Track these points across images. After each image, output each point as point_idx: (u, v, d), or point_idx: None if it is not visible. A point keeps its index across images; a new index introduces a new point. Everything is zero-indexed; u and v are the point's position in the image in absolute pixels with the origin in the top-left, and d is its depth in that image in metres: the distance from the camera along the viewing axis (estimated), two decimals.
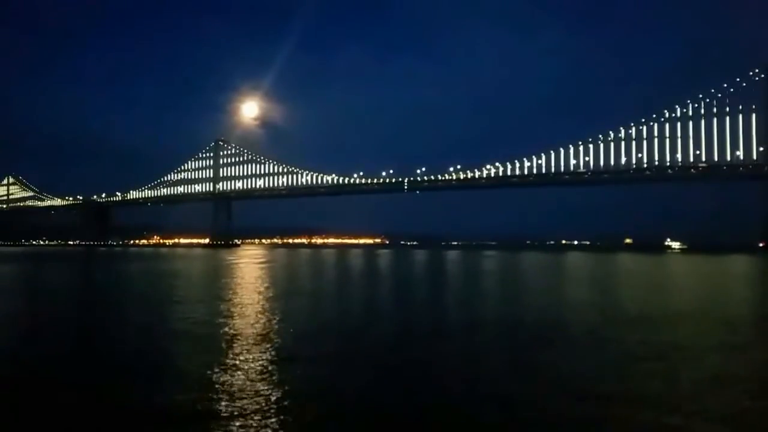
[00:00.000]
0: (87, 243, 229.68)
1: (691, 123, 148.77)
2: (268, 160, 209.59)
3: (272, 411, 9.42)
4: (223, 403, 9.82)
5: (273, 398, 10.11)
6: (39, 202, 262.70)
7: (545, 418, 9.41)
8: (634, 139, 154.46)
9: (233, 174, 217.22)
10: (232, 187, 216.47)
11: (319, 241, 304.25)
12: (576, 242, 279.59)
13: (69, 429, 9.06)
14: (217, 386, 10.92)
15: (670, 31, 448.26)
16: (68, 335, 18.15)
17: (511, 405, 10.06)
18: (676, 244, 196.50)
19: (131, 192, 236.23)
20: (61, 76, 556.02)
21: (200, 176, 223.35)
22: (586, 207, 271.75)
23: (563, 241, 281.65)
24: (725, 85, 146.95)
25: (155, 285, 39.96)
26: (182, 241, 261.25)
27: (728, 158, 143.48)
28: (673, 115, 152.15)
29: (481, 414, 9.62)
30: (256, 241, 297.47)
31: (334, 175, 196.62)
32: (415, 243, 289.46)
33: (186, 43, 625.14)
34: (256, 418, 9.08)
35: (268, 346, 15.11)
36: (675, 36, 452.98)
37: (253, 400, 10.02)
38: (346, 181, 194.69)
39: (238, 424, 8.82)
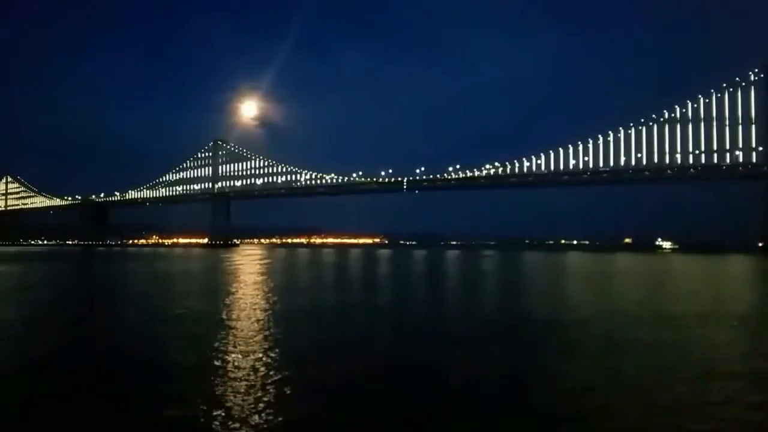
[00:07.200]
0: (85, 243, 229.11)
1: (690, 123, 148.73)
2: (267, 160, 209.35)
3: None
4: None
5: None
6: (37, 202, 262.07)
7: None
8: (634, 140, 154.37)
9: (232, 173, 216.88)
10: (231, 187, 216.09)
11: (318, 240, 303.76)
12: (575, 242, 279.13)
13: None
14: None
15: (670, 31, 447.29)
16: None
17: None
18: (667, 244, 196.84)
19: (130, 192, 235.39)
20: (60, 76, 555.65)
21: (199, 176, 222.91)
22: (585, 207, 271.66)
23: (562, 241, 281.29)
24: (724, 85, 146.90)
25: (150, 293, 39.80)
26: (181, 240, 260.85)
27: (727, 159, 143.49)
28: (673, 115, 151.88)
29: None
30: (255, 240, 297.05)
31: (333, 175, 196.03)
32: (414, 242, 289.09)
33: (185, 43, 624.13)
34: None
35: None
36: (675, 36, 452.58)
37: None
38: (345, 181, 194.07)
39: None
